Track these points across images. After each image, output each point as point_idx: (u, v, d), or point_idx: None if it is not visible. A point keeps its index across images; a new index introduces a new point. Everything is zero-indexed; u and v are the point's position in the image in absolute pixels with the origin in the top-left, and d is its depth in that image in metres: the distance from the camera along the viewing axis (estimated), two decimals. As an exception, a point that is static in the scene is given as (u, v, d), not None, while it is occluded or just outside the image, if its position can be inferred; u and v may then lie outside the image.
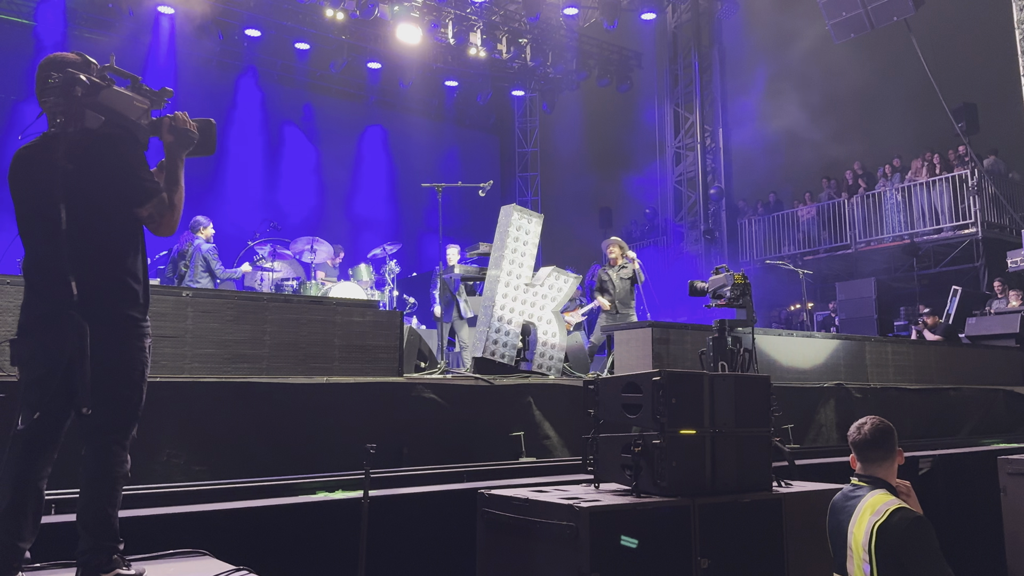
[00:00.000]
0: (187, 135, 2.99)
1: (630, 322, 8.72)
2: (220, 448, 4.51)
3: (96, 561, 2.77)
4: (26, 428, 2.76)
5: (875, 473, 3.28)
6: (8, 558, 2.72)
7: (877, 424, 3.32)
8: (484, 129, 20.22)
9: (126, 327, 2.86)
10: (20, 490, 2.73)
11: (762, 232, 17.63)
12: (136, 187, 2.88)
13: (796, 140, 16.04)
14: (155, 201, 2.90)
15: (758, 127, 16.89)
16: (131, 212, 2.88)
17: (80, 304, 2.73)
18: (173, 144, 2.97)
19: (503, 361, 6.60)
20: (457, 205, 14.51)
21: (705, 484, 3.81)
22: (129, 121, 2.91)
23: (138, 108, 2.93)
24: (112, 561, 2.79)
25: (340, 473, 4.40)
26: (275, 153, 16.07)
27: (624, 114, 18.59)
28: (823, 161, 16.80)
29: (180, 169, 2.99)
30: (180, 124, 2.97)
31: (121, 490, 2.86)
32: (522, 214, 6.94)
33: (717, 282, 6.69)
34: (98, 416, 2.78)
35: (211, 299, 5.15)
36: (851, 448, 3.36)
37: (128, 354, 2.86)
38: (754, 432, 4.04)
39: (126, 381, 2.86)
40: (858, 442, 3.32)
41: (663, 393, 3.75)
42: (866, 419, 3.35)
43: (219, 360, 4.97)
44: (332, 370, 5.34)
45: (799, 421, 7.18)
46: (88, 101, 2.83)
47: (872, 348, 8.70)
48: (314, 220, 15.12)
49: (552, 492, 3.90)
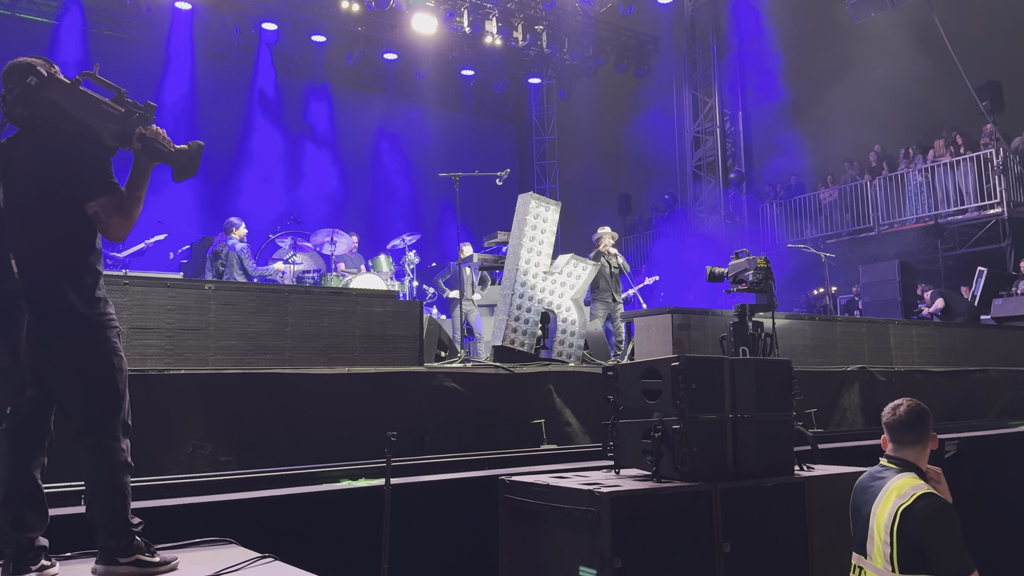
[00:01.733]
0: (156, 148, 2.99)
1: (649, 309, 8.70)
2: (245, 438, 4.57)
3: (114, 546, 2.83)
4: (4, 420, 2.86)
5: (906, 456, 3.25)
6: (20, 552, 2.79)
7: (913, 406, 3.28)
8: (501, 118, 20.17)
9: (80, 324, 2.86)
10: (10, 482, 2.81)
11: (783, 216, 17.47)
12: (85, 182, 2.90)
13: (817, 122, 15.84)
14: (104, 200, 2.90)
15: (778, 110, 16.69)
16: (79, 206, 2.89)
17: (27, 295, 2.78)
18: (140, 153, 2.99)
19: (523, 349, 6.61)
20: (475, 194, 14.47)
21: (727, 469, 3.81)
22: (93, 121, 2.93)
23: (106, 111, 2.94)
24: (132, 545, 2.84)
25: (362, 461, 4.44)
26: (293, 146, 16.13)
27: (642, 100, 18.43)
28: (845, 143, 16.58)
29: (141, 178, 2.99)
30: (151, 135, 2.98)
31: (124, 478, 2.89)
32: (539, 202, 6.94)
33: (738, 267, 6.65)
34: (75, 418, 2.85)
35: (233, 292, 5.22)
36: (884, 429, 3.32)
37: (88, 351, 2.86)
38: (775, 416, 4.03)
39: (93, 380, 2.86)
40: (892, 423, 3.28)
41: (683, 379, 3.76)
42: (902, 400, 3.31)
43: (242, 352, 5.03)
44: (353, 360, 5.39)
45: (823, 405, 7.13)
46: (44, 93, 2.88)
47: (896, 331, 8.61)
48: (333, 212, 15.17)
49: (573, 478, 3.91)
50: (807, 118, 15.87)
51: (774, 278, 6.60)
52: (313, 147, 16.32)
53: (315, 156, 16.24)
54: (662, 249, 17.02)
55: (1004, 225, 14.12)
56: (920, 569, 3.03)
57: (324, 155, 16.32)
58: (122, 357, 2.95)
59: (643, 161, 18.47)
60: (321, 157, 16.27)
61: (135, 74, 13.21)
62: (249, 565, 2.98)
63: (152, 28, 14.60)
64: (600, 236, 9.63)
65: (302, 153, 16.22)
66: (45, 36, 13.55)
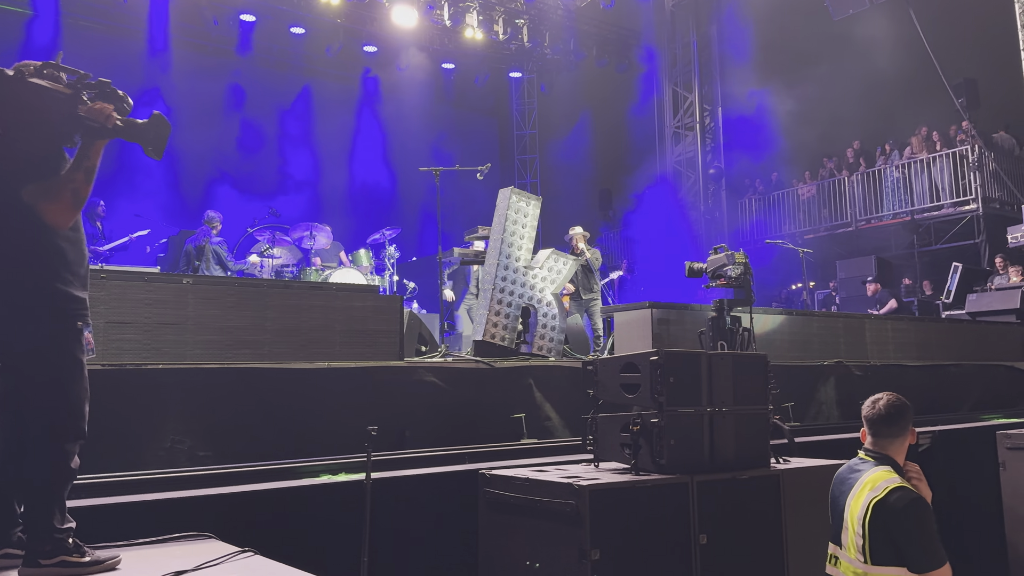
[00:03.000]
0: (90, 127, 2.91)
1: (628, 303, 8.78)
2: (224, 433, 4.56)
3: (37, 548, 2.79)
4: None
5: (884, 450, 3.29)
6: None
7: (893, 401, 3.31)
8: (482, 111, 20.14)
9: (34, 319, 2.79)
10: None
11: (762, 211, 17.62)
12: (21, 168, 2.84)
13: (796, 118, 15.98)
14: (33, 187, 2.82)
15: (758, 106, 16.83)
16: (17, 193, 2.82)
17: None
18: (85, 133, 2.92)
19: (503, 344, 6.64)
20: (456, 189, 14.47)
21: (704, 461, 3.86)
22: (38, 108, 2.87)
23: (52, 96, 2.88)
24: (57, 548, 2.79)
25: (343, 456, 4.45)
26: (272, 139, 16.03)
27: (623, 95, 18.50)
28: (823, 139, 16.75)
29: (79, 160, 2.90)
30: (85, 113, 2.90)
31: (59, 482, 2.82)
32: (520, 196, 6.96)
33: (716, 262, 6.72)
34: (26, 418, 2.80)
35: (212, 286, 5.20)
36: (863, 422, 3.37)
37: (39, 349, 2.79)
38: (752, 410, 4.09)
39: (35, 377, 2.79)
40: (871, 417, 3.32)
41: (661, 372, 3.80)
42: (882, 395, 3.34)
43: (221, 346, 5.01)
44: (333, 355, 5.39)
45: (799, 399, 7.22)
46: None
47: (872, 326, 8.74)
48: (313, 206, 15.11)
49: (552, 472, 3.95)
50: (786, 114, 16.00)
51: (752, 273, 6.68)
52: (292, 140, 16.22)
53: (294, 149, 16.14)
54: (641, 243, 17.11)
55: (979, 221, 14.34)
56: (892, 561, 3.09)
57: (303, 148, 16.23)
58: (78, 359, 2.86)
59: (623, 156, 18.55)
60: (300, 150, 16.17)
61: (111, 65, 13.03)
62: (229, 559, 2.99)
63: (129, 19, 14.41)
64: (573, 237, 9.71)
65: (281, 146, 16.12)
66: (19, 27, 13.34)
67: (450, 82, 18.47)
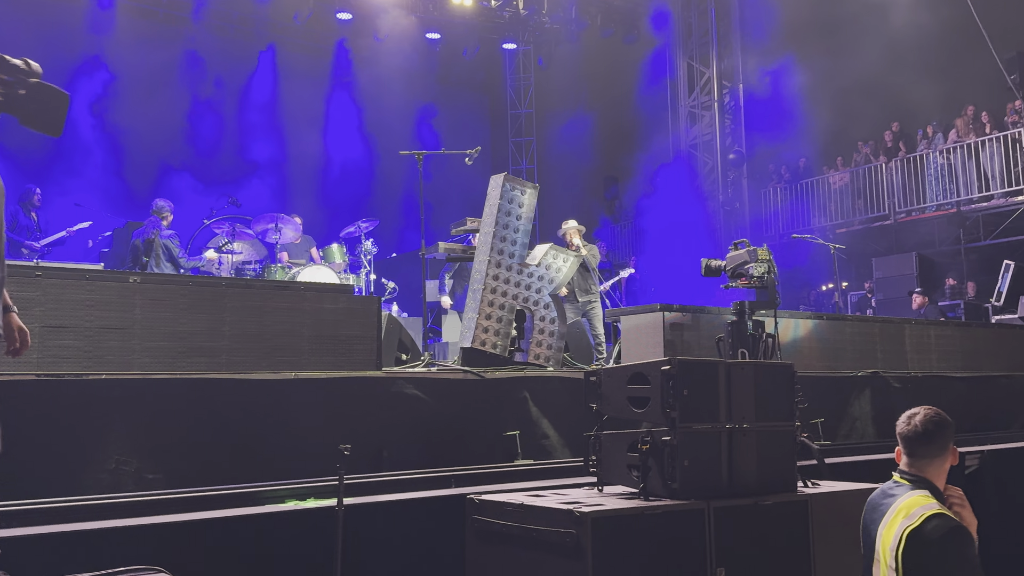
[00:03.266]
0: None
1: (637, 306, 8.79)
2: (176, 453, 4.56)
3: None
4: None
5: (921, 472, 3.29)
6: None
7: (931, 416, 3.30)
8: (471, 88, 20.15)
9: None
10: None
11: (788, 202, 17.68)
12: None
13: (827, 97, 16.03)
14: None
15: (784, 84, 16.88)
16: None
17: None
18: None
19: (495, 352, 6.65)
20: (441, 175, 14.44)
21: (721, 485, 3.87)
22: None
23: None
24: None
25: (312, 479, 4.45)
26: (232, 118, 15.99)
27: (631, 70, 18.53)
28: (857, 121, 16.81)
29: None
30: None
31: None
32: (515, 184, 6.97)
33: (736, 259, 6.75)
34: None
35: (162, 285, 5.19)
36: (898, 440, 3.37)
37: None
38: (777, 427, 4.09)
39: None
40: (906, 434, 3.31)
41: (674, 384, 3.80)
42: (919, 409, 3.34)
43: (173, 354, 5.01)
44: (301, 364, 5.39)
45: (830, 415, 7.25)
46: None
47: (913, 332, 8.78)
48: (278, 195, 15.09)
49: (550, 496, 3.95)
50: (816, 93, 16.05)
51: (777, 272, 6.71)
52: (255, 120, 16.18)
53: (257, 130, 16.11)
54: (651, 238, 17.14)
55: (1034, 214, 14.42)
56: None
57: (268, 129, 16.20)
58: None
59: (631, 139, 18.57)
60: (264, 132, 16.14)
61: (47, 30, 12.99)
62: (181, 596, 2.98)
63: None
64: (566, 232, 9.71)
65: (242, 126, 16.09)
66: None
67: (435, 55, 18.46)
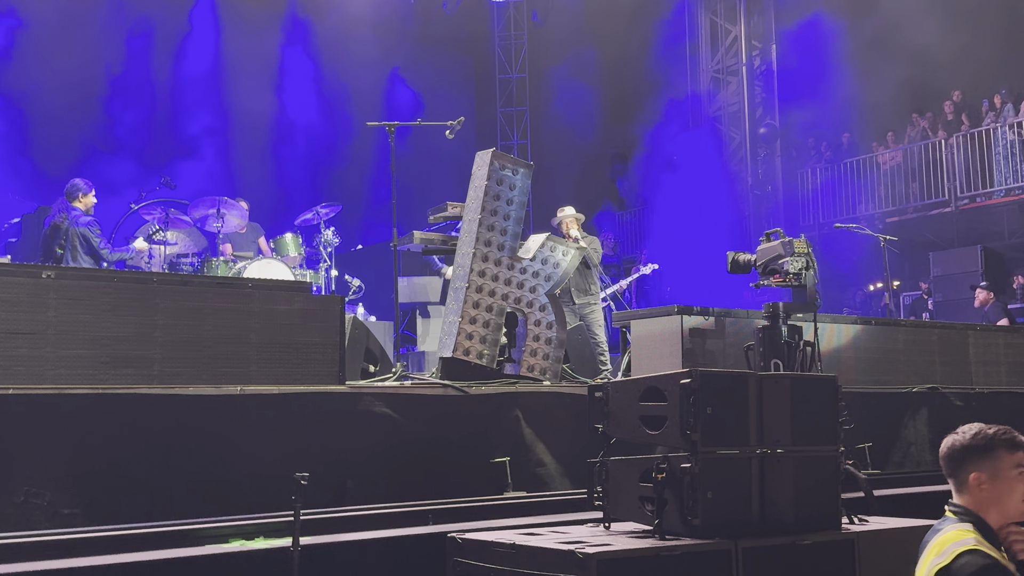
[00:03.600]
0: None
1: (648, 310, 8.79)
2: (97, 484, 4.52)
3: None
4: None
5: (968, 502, 3.28)
6: None
7: (976, 434, 3.29)
8: (453, 48, 20.14)
9: None
10: None
11: (830, 185, 17.71)
12: None
13: (876, 60, 16.07)
14: None
15: (824, 45, 16.91)
16: None
17: None
18: None
19: (481, 362, 6.63)
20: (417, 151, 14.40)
21: (752, 521, 3.86)
22: None
23: None
24: None
25: (261, 515, 4.43)
26: (165, 81, 15.92)
27: (643, 27, 18.54)
28: (912, 88, 16.85)
29: None
30: None
31: None
32: (505, 163, 6.95)
33: (768, 252, 6.73)
34: None
35: (82, 282, 5.16)
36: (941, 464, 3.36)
37: None
38: (817, 452, 4.10)
39: None
40: (943, 456, 3.30)
41: (695, 401, 3.80)
42: (970, 427, 3.32)
43: (94, 364, 4.97)
44: (248, 376, 5.36)
45: (880, 438, 7.26)
46: None
47: (978, 340, 8.79)
48: (222, 174, 15.03)
49: (548, 535, 3.95)
50: (863, 55, 16.08)
51: (817, 268, 6.70)
52: (193, 82, 16.10)
53: (196, 95, 16.03)
54: (666, 227, 17.15)
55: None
56: None
57: (208, 94, 16.12)
58: None
59: (643, 110, 18.59)
60: (204, 97, 16.07)
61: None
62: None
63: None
64: (562, 221, 9.71)
65: (176, 91, 16.01)
66: None
67: (409, 7, 18.43)
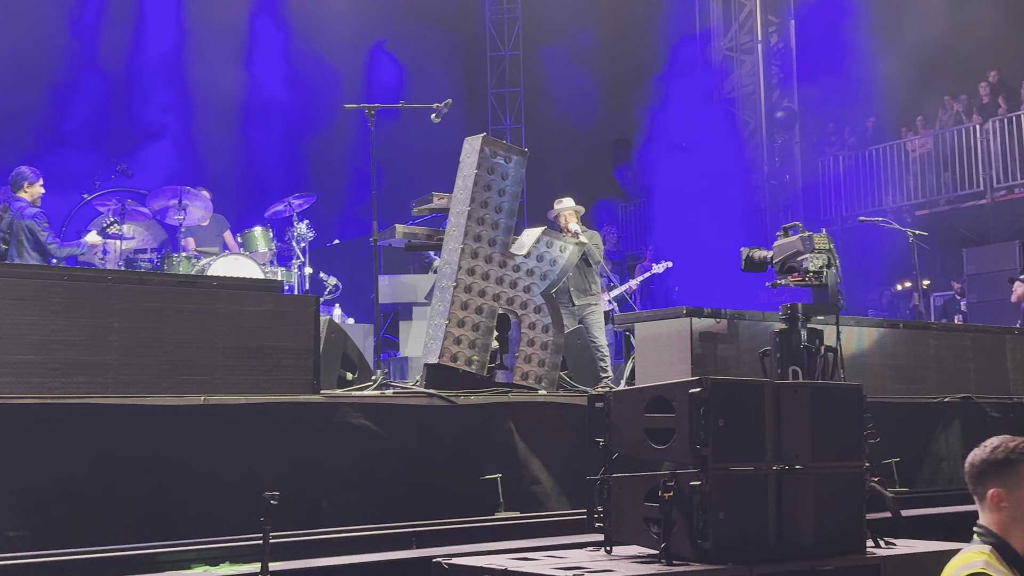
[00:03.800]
0: None
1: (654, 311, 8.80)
2: (46, 503, 4.51)
3: None
4: None
5: (992, 523, 3.28)
6: None
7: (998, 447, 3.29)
8: (439, 23, 20.13)
9: None
10: None
11: (854, 175, 17.74)
12: None
13: (905, 39, 16.10)
14: None
15: (848, 19, 16.94)
16: None
17: None
18: None
19: (470, 369, 6.64)
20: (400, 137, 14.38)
21: (768, 544, 3.88)
22: None
23: None
24: None
25: (227, 537, 4.43)
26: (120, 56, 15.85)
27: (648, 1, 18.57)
28: (944, 68, 16.88)
29: None
30: None
31: None
32: (496, 149, 6.96)
33: (786, 248, 6.76)
34: None
35: (28, 280, 5.15)
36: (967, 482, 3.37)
37: None
38: (840, 468, 4.12)
39: None
40: (966, 474, 3.32)
41: (706, 411, 3.81)
42: (992, 441, 3.32)
43: (42, 371, 4.97)
44: (213, 385, 5.36)
45: (908, 453, 7.28)
46: None
47: (1017, 345, 8.82)
48: (184, 161, 14.99)
49: (543, 560, 3.96)
50: (890, 31, 16.11)
51: (839, 266, 6.72)
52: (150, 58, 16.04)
53: (153, 73, 15.98)
54: (674, 221, 17.15)
55: None
56: None
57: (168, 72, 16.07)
58: None
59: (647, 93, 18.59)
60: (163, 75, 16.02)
61: None
62: None
63: None
64: (560, 214, 9.72)
65: (133, 67, 15.95)
66: None
67: (390, -25, 18.47)
